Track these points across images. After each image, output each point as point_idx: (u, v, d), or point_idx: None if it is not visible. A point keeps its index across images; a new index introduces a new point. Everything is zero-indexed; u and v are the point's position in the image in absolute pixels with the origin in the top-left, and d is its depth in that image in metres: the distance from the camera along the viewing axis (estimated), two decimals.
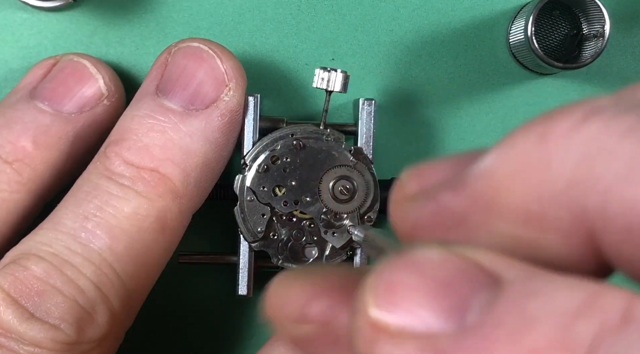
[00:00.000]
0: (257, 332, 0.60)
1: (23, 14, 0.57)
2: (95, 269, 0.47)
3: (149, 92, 0.51)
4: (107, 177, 0.49)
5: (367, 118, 0.54)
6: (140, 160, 0.49)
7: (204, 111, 0.50)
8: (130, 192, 0.48)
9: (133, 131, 0.50)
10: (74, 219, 0.48)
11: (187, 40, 0.52)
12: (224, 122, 0.50)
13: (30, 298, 0.46)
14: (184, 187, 0.49)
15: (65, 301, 0.46)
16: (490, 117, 0.59)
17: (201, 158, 0.50)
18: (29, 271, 0.46)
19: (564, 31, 0.59)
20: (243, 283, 0.54)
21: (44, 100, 0.52)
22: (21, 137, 0.51)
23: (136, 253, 0.48)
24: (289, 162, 0.53)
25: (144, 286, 0.50)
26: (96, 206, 0.48)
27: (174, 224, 0.50)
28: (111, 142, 0.50)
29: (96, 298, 0.47)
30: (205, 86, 0.50)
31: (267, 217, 0.53)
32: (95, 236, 0.47)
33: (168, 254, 0.51)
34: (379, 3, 0.58)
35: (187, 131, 0.50)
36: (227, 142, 0.51)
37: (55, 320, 0.46)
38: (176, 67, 0.51)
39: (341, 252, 0.54)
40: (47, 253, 0.47)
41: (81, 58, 0.54)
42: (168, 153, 0.49)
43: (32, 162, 0.51)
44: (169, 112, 0.50)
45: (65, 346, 0.46)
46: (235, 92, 0.51)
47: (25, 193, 0.51)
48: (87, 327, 0.46)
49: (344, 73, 0.52)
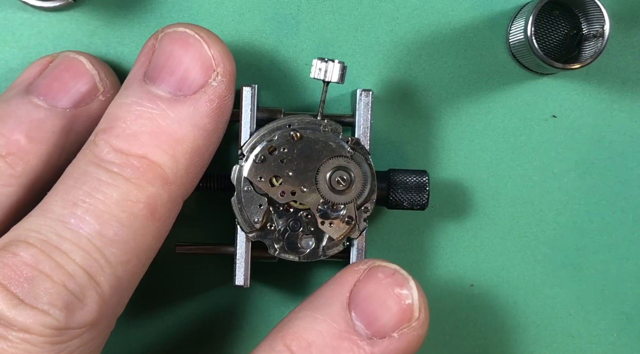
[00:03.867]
0: (253, 322, 0.59)
1: (23, 14, 0.57)
2: (85, 254, 0.46)
3: (137, 79, 0.50)
4: (96, 164, 0.48)
5: (364, 109, 0.53)
6: (128, 147, 0.48)
7: (192, 96, 0.49)
8: (119, 178, 0.48)
9: (121, 118, 0.49)
10: (63, 206, 0.47)
11: (173, 26, 0.51)
12: (212, 108, 0.50)
13: (19, 284, 0.45)
14: (173, 174, 0.49)
15: (54, 286, 0.45)
16: (490, 117, 0.59)
17: (190, 144, 0.49)
18: (18, 257, 0.46)
19: (563, 31, 0.58)
20: (240, 273, 0.53)
21: (39, 95, 0.52)
22: (15, 131, 0.50)
23: (126, 239, 0.47)
24: (286, 152, 0.52)
25: (135, 272, 0.49)
26: (85, 193, 0.47)
27: (163, 210, 0.49)
28: (100, 130, 0.49)
29: (85, 283, 0.46)
30: (192, 72, 0.50)
31: (264, 207, 0.52)
32: (84, 222, 0.47)
33: (159, 240, 0.50)
34: (379, 3, 0.58)
35: (175, 117, 0.49)
36: (217, 128, 0.50)
37: (44, 306, 0.45)
38: (163, 53, 0.50)
39: (338, 242, 0.53)
40: (36, 239, 0.46)
41: (77, 54, 0.54)
42: (156, 140, 0.48)
43: (25, 156, 0.50)
44: (157, 99, 0.49)
45: (54, 332, 0.45)
46: (223, 77, 0.50)
47: (19, 187, 0.50)
48: (76, 312, 0.46)
49: (341, 63, 0.51)
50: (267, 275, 0.59)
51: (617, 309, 0.60)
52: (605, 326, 0.60)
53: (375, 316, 0.49)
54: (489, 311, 0.59)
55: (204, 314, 0.58)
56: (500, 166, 0.59)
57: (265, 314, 0.59)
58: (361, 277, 0.50)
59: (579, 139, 0.59)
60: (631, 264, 0.60)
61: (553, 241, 0.59)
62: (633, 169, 0.59)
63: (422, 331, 0.50)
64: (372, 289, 0.50)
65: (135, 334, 0.58)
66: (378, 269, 0.50)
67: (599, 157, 0.59)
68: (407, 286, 0.50)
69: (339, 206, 0.53)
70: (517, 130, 0.59)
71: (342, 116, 0.55)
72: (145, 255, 0.49)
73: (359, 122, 0.54)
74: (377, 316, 0.49)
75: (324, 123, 0.53)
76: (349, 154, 0.52)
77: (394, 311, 0.49)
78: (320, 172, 0.52)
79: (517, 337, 0.59)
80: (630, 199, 0.60)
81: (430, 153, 0.58)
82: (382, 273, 0.50)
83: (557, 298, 0.60)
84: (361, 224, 0.53)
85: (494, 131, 0.59)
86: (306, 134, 0.52)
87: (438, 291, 0.59)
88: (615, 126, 0.59)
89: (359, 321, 0.49)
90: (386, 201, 0.55)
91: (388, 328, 0.49)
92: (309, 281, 0.59)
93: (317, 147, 0.52)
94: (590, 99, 0.59)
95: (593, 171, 0.59)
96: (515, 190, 0.59)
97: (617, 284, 0.60)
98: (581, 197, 0.59)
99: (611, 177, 0.59)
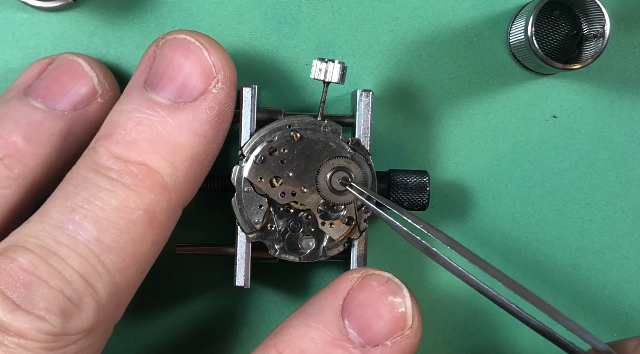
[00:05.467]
0: (253, 323, 0.59)
1: (23, 14, 0.56)
2: (82, 260, 0.46)
3: (137, 86, 0.50)
4: (95, 170, 0.48)
5: (364, 109, 0.53)
6: (128, 154, 0.48)
7: (192, 103, 0.49)
8: (118, 185, 0.47)
9: (121, 125, 0.49)
10: (62, 211, 0.47)
11: (174, 32, 0.51)
12: (212, 115, 0.49)
13: (16, 289, 0.45)
14: (172, 181, 0.48)
15: (51, 292, 0.45)
16: (490, 117, 0.58)
17: (189, 151, 0.49)
18: (15, 262, 0.45)
19: (564, 31, 0.58)
20: (240, 274, 0.53)
21: (37, 97, 0.52)
22: (12, 133, 0.50)
23: (124, 245, 0.47)
24: (286, 153, 0.52)
25: (133, 279, 0.48)
26: (84, 199, 0.47)
27: (162, 217, 0.49)
28: (100, 136, 0.49)
29: (82, 289, 0.46)
30: (192, 79, 0.49)
31: (264, 208, 0.52)
32: (82, 228, 0.46)
33: (158, 247, 0.50)
34: (379, 3, 0.58)
35: (175, 124, 0.49)
36: (217, 135, 0.50)
37: (40, 311, 0.45)
38: (163, 60, 0.50)
39: (338, 243, 0.53)
40: (34, 245, 0.46)
41: (76, 56, 0.53)
42: (156, 147, 0.48)
43: (23, 158, 0.50)
44: (157, 106, 0.49)
45: (50, 337, 0.45)
46: (223, 84, 0.50)
47: (16, 188, 0.50)
48: (73, 318, 0.45)
49: (341, 64, 0.51)
50: (268, 276, 0.59)
51: (617, 309, 0.60)
52: (605, 327, 0.60)
53: (368, 324, 0.49)
54: (489, 311, 0.59)
55: (205, 315, 0.58)
56: (500, 166, 0.59)
57: (266, 314, 0.59)
58: (355, 285, 0.50)
59: (579, 139, 0.59)
60: (631, 264, 0.60)
61: (553, 241, 0.60)
62: (633, 169, 0.59)
63: (415, 340, 0.50)
64: (366, 297, 0.49)
65: (135, 335, 0.58)
66: (372, 277, 0.50)
67: (599, 157, 0.59)
68: (401, 294, 0.50)
69: (340, 206, 0.53)
70: (517, 130, 0.59)
71: (342, 117, 0.55)
72: (144, 262, 0.49)
73: (359, 122, 0.54)
74: (370, 324, 0.49)
75: (324, 124, 0.53)
76: (350, 155, 0.53)
77: (387, 319, 0.49)
78: (321, 172, 0.52)
79: (517, 337, 0.60)
80: (630, 199, 0.60)
81: (430, 153, 0.58)
82: (375, 280, 0.50)
83: (557, 298, 0.60)
84: (362, 225, 0.53)
85: (494, 131, 0.59)
86: (306, 134, 0.52)
87: (438, 291, 0.59)
88: (615, 126, 0.59)
89: (352, 328, 0.49)
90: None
91: (381, 336, 0.49)
92: (309, 281, 0.59)
93: (318, 147, 0.52)
94: (590, 99, 0.59)
95: (593, 171, 0.59)
96: (515, 190, 0.59)
97: (617, 284, 0.60)
98: (581, 197, 0.60)
99: (611, 177, 0.59)
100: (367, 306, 0.49)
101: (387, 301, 0.49)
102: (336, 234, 0.53)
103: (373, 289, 0.50)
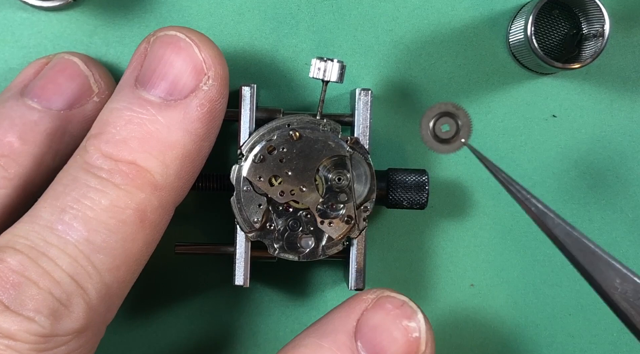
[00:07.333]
0: (253, 321, 0.59)
1: (23, 14, 0.56)
2: (72, 261, 0.46)
3: (128, 84, 0.50)
4: (85, 170, 0.48)
5: (363, 108, 0.53)
6: (118, 153, 0.48)
7: (182, 101, 0.49)
8: (108, 184, 0.47)
9: (111, 123, 0.48)
10: (52, 212, 0.47)
11: (165, 29, 0.50)
12: (203, 113, 0.49)
13: (5, 291, 0.45)
14: (163, 180, 0.48)
15: (40, 293, 0.45)
16: (490, 117, 0.58)
17: (180, 150, 0.48)
18: (4, 263, 0.45)
19: (563, 31, 0.58)
20: (239, 273, 0.53)
21: (33, 97, 0.51)
22: (8, 133, 0.50)
23: (114, 246, 0.47)
24: (285, 152, 0.52)
25: (125, 279, 0.48)
26: (74, 199, 0.47)
27: (154, 216, 0.48)
28: (91, 135, 0.49)
29: (72, 290, 0.45)
30: (183, 76, 0.49)
31: (263, 207, 0.52)
32: (72, 228, 0.46)
33: (150, 247, 0.49)
34: (379, 3, 0.57)
35: (165, 122, 0.48)
36: (208, 132, 0.50)
37: (29, 312, 0.44)
38: (154, 58, 0.50)
39: (337, 242, 0.53)
40: (24, 246, 0.46)
41: (72, 56, 0.53)
42: (146, 145, 0.48)
43: (18, 158, 0.50)
44: (147, 104, 0.49)
45: (40, 339, 0.44)
46: (214, 81, 0.49)
47: (12, 189, 0.50)
48: (62, 319, 0.45)
49: (340, 63, 0.51)
50: (267, 275, 0.58)
51: None
52: (605, 326, 0.60)
53: (381, 347, 0.48)
54: (489, 311, 0.59)
55: (204, 314, 0.58)
56: (500, 166, 0.58)
57: (265, 313, 0.59)
58: (369, 306, 0.49)
59: (579, 139, 0.59)
60: (631, 264, 0.59)
61: None
62: (633, 169, 0.59)
63: None
64: (380, 320, 0.49)
65: (135, 334, 0.58)
66: (387, 300, 0.50)
67: (599, 157, 0.59)
68: (415, 319, 0.49)
69: (339, 205, 0.53)
70: (517, 130, 0.59)
71: (341, 116, 0.55)
72: (135, 262, 0.48)
73: (358, 121, 0.53)
74: (383, 348, 0.48)
75: (323, 122, 0.53)
76: (349, 154, 0.53)
77: (401, 344, 0.49)
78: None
79: (517, 337, 0.59)
80: (630, 199, 0.60)
81: (429, 152, 0.58)
82: (390, 303, 0.49)
83: (557, 298, 0.60)
84: (361, 224, 0.53)
85: (494, 131, 0.59)
86: (305, 133, 0.52)
87: (438, 291, 0.59)
88: (615, 125, 0.59)
89: (365, 351, 0.48)
90: (386, 200, 0.55)
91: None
92: (308, 280, 0.59)
93: (317, 146, 0.52)
94: (590, 99, 0.59)
95: (593, 171, 0.59)
96: None
97: None
98: (581, 197, 0.60)
99: (611, 177, 0.59)
100: (381, 329, 0.49)
101: (402, 325, 0.49)
102: (335, 233, 0.53)
103: (388, 312, 0.49)
